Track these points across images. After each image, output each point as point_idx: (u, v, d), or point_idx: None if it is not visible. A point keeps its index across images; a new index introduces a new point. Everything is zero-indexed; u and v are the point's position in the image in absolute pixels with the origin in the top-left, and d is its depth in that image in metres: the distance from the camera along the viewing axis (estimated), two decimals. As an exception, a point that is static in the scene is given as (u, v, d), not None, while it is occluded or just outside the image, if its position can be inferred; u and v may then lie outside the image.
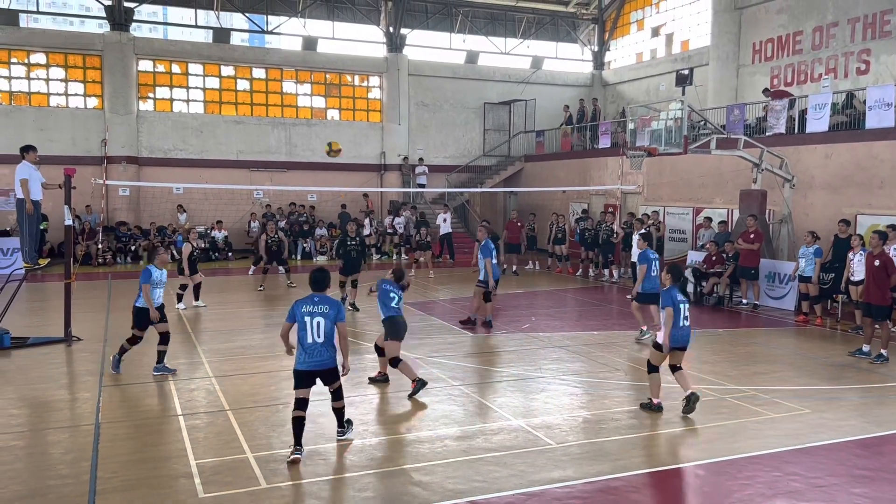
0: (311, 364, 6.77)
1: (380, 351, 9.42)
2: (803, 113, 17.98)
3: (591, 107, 28.38)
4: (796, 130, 18.20)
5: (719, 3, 24.22)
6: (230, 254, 24.72)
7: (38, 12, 25.35)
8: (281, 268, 18.73)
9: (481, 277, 12.88)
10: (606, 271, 20.16)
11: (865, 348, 11.13)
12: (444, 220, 23.54)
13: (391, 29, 28.60)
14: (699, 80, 23.24)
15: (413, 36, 29.31)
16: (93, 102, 25.44)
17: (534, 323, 13.72)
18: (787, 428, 7.74)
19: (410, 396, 8.72)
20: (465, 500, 5.91)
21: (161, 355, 9.77)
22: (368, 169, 28.40)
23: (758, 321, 14.34)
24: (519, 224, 21.86)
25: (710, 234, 17.94)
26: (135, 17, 25.93)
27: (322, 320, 6.69)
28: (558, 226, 21.41)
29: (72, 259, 12.52)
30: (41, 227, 12.36)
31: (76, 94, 25.38)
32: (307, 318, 6.72)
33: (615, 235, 19.56)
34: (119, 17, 25.10)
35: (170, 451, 6.93)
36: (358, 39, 29.31)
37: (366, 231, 23.99)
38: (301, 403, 6.76)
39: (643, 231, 15.22)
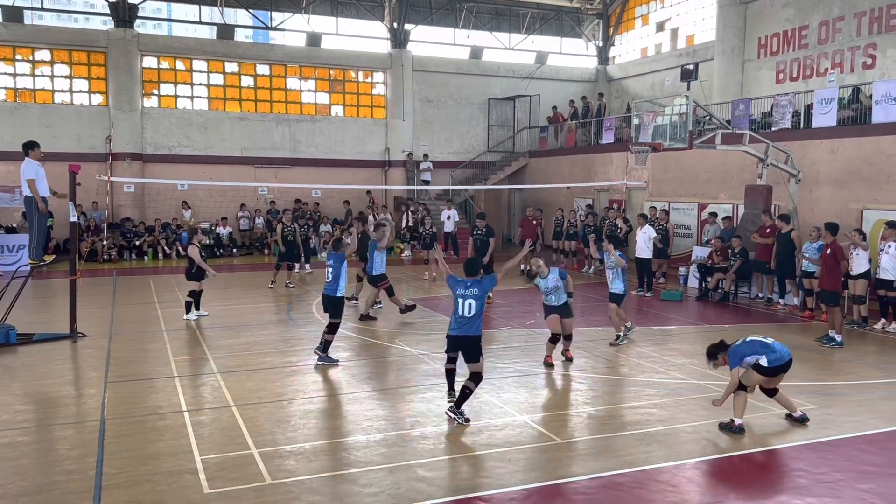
0: (460, 331, 8.00)
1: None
2: (809, 108, 17.90)
3: (596, 102, 28.31)
4: (802, 125, 18.12)
5: (724, -2, 24.12)
6: (234, 250, 24.78)
7: (42, 9, 25.35)
8: (297, 264, 18.44)
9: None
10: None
11: (838, 337, 11.76)
12: (449, 218, 23.45)
13: (395, 25, 28.55)
14: (704, 75, 23.14)
15: (417, 32, 29.26)
16: (97, 99, 25.48)
17: (538, 319, 13.69)
18: (792, 424, 7.71)
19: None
20: (470, 496, 5.91)
21: (326, 344, 10.15)
22: (373, 165, 28.39)
23: (764, 317, 14.30)
24: (534, 221, 21.51)
25: (715, 230, 17.90)
26: (139, 14, 25.94)
27: (473, 302, 7.93)
28: (569, 221, 21.36)
29: (77, 255, 12.54)
30: (47, 224, 12.39)
31: (81, 91, 25.43)
32: (461, 300, 8.00)
33: (619, 231, 19.51)
34: (123, 14, 25.11)
35: (175, 447, 6.94)
36: (362, 35, 29.27)
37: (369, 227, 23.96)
38: (452, 360, 8.20)
39: (608, 234, 15.21)
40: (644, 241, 17.15)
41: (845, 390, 9.12)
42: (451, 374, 8.21)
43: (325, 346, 10.20)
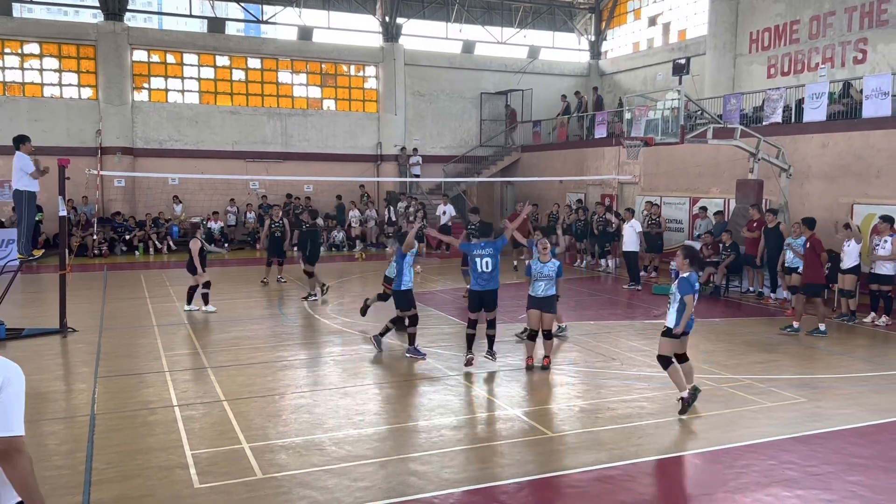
0: (481, 287, 9.52)
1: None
2: (800, 102, 17.95)
3: (591, 96, 28.30)
4: (793, 120, 18.18)
5: (716, -8, 24.14)
6: (226, 244, 24.70)
7: (31, 2, 25.11)
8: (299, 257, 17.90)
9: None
10: (603, 261, 20.20)
11: (795, 325, 12.06)
12: (444, 213, 23.38)
13: (387, 18, 28.45)
14: (696, 69, 23.14)
15: (409, 25, 29.17)
16: (87, 93, 25.31)
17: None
18: (782, 417, 7.75)
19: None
20: (461, 490, 5.91)
21: (412, 338, 10.22)
22: (365, 159, 28.33)
23: (754, 311, 14.35)
24: (525, 217, 21.39)
25: (706, 224, 17.95)
26: (129, 7, 25.80)
27: (489, 259, 9.46)
28: (565, 217, 21.36)
29: (67, 250, 12.46)
30: (36, 219, 12.31)
31: (70, 85, 25.25)
32: (478, 259, 9.50)
33: (611, 225, 19.56)
34: (113, 7, 24.92)
35: (165, 441, 6.92)
36: (354, 29, 29.16)
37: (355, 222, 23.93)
38: (472, 324, 9.68)
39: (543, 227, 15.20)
40: (631, 235, 17.20)
41: (835, 383, 9.17)
42: (471, 339, 9.72)
43: (410, 340, 10.27)
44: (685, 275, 8.01)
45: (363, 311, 12.35)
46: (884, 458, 6.67)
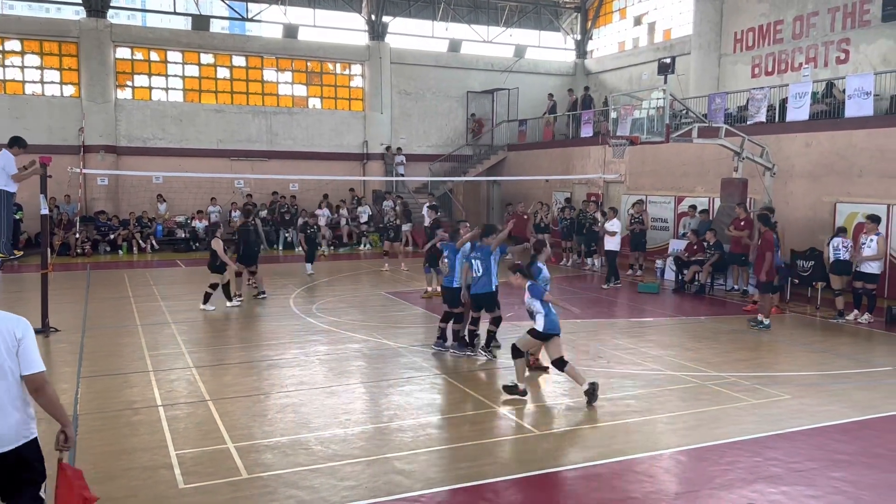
0: (476, 289, 9.90)
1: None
2: (784, 102, 18.08)
3: (580, 94, 28.35)
4: (777, 119, 18.31)
5: (701, -8, 24.27)
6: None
7: (12, -2, 24.90)
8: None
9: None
10: (589, 260, 20.25)
11: (762, 319, 12.37)
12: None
13: (373, 17, 28.37)
14: (681, 69, 23.29)
15: (395, 24, 29.11)
16: (69, 90, 25.05)
17: (516, 311, 13.71)
18: (767, 414, 7.80)
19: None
20: (447, 489, 5.90)
21: (453, 333, 10.49)
22: (351, 158, 28.24)
23: (739, 309, 14.44)
24: (525, 216, 21.35)
25: (694, 223, 18.04)
26: (112, 4, 25.53)
27: (478, 262, 9.82)
28: (542, 217, 21.38)
29: (48, 249, 12.32)
30: (17, 217, 12.15)
31: (52, 82, 24.98)
32: (473, 260, 9.85)
33: (598, 224, 19.59)
34: (96, 4, 24.68)
35: (149, 441, 6.85)
36: (339, 27, 29.06)
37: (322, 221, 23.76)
38: (475, 321, 10.18)
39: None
40: (609, 236, 17.21)
41: (819, 380, 9.24)
42: (472, 335, 10.17)
43: (444, 334, 10.48)
44: (528, 284, 8.25)
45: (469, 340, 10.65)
46: (867, 454, 6.73)
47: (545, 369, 9.29)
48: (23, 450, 4.07)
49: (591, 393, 7.96)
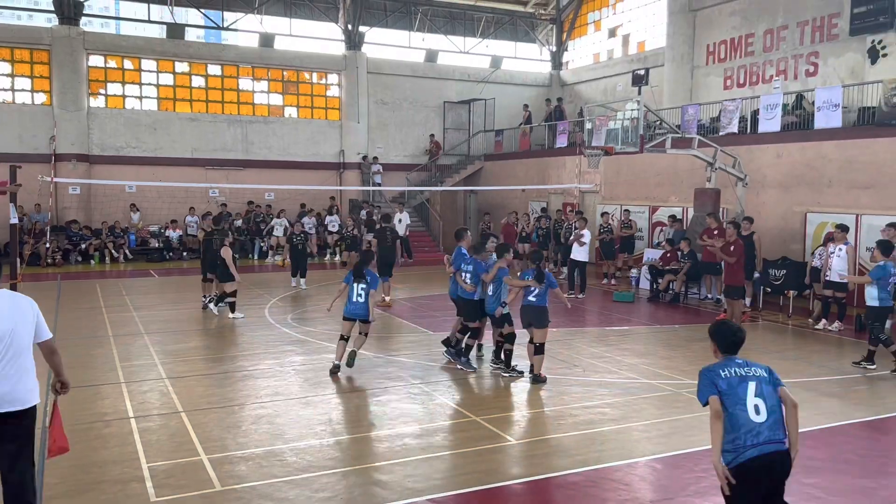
0: (468, 296, 10.07)
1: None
2: (755, 113, 18.37)
3: (553, 105, 28.57)
4: (749, 130, 18.60)
5: (674, 5, 24.61)
6: (185, 253, 24.25)
7: (-18, 5, 24.52)
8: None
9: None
10: (566, 269, 20.31)
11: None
12: (400, 221, 22.72)
13: (350, 26, 28.39)
14: (655, 80, 23.56)
15: (372, 34, 29.16)
16: (40, 98, 24.72)
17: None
18: (740, 421, 7.87)
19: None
20: (425, 499, 5.88)
21: (465, 349, 10.22)
22: (327, 167, 28.16)
23: (712, 317, 14.58)
24: (515, 227, 21.33)
25: (670, 232, 18.21)
26: (85, 11, 25.27)
27: (468, 275, 10.04)
28: (524, 226, 21.46)
29: (18, 259, 12.11)
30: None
31: (23, 90, 24.64)
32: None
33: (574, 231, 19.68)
34: (69, 12, 24.42)
35: (121, 454, 6.74)
36: (316, 37, 29.04)
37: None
38: (474, 333, 10.30)
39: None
40: (578, 244, 17.23)
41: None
42: (469, 349, 10.18)
43: (459, 346, 10.23)
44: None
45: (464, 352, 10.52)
46: (837, 460, 6.83)
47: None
48: (30, 411, 4.74)
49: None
